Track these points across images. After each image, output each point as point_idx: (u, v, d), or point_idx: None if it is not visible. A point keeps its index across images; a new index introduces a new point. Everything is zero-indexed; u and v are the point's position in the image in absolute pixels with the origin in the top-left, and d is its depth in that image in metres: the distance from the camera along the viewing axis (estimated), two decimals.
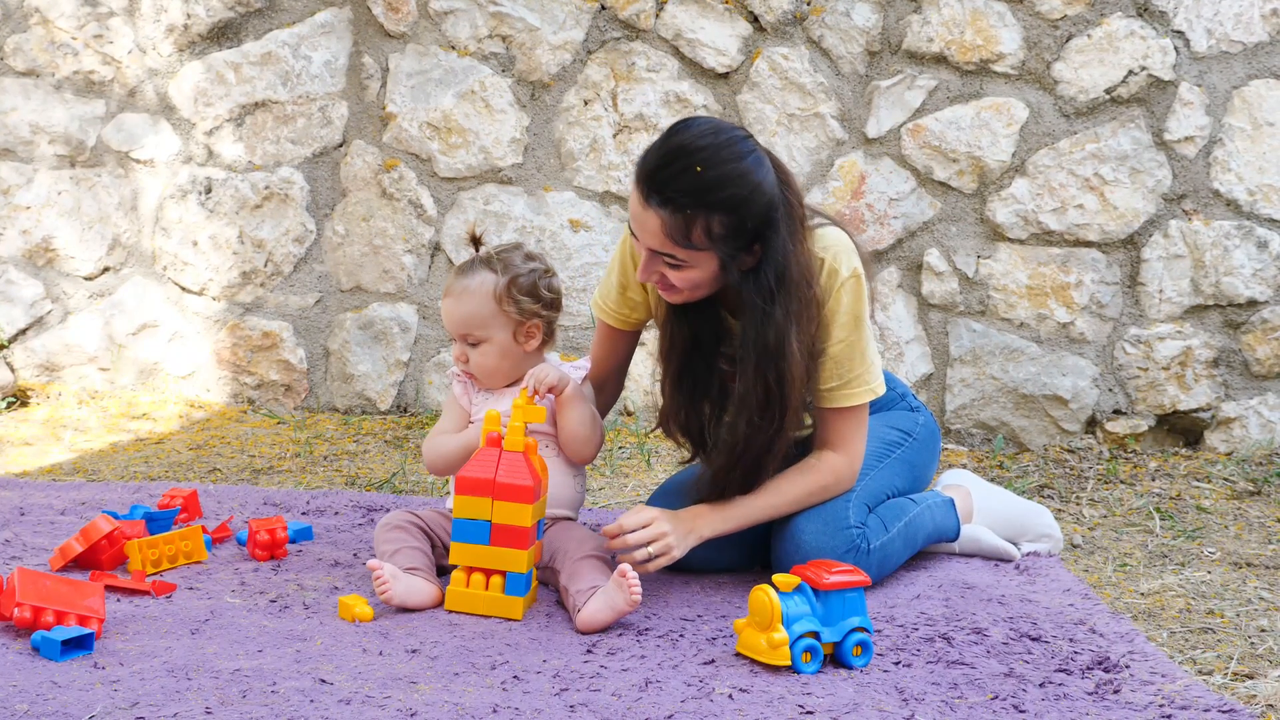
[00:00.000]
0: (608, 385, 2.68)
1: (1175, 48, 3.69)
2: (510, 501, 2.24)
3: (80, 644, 2.01)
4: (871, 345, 2.43)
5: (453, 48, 3.92)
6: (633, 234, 2.30)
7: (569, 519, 2.51)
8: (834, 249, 2.37)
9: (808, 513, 2.43)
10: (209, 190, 4.03)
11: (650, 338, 3.82)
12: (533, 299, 2.45)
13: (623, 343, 2.64)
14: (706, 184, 2.18)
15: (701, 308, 2.40)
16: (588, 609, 2.20)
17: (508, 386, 2.51)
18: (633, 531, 2.30)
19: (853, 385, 2.41)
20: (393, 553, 2.36)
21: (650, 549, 2.30)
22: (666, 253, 2.24)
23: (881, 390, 2.45)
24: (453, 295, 2.45)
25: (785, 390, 2.30)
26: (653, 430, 3.23)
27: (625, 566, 2.18)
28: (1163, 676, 2.03)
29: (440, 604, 2.30)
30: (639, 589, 2.17)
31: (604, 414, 2.70)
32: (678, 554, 2.32)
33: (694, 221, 2.19)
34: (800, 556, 2.39)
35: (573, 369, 2.53)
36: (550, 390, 2.36)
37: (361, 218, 3.99)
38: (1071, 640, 2.20)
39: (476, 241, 2.50)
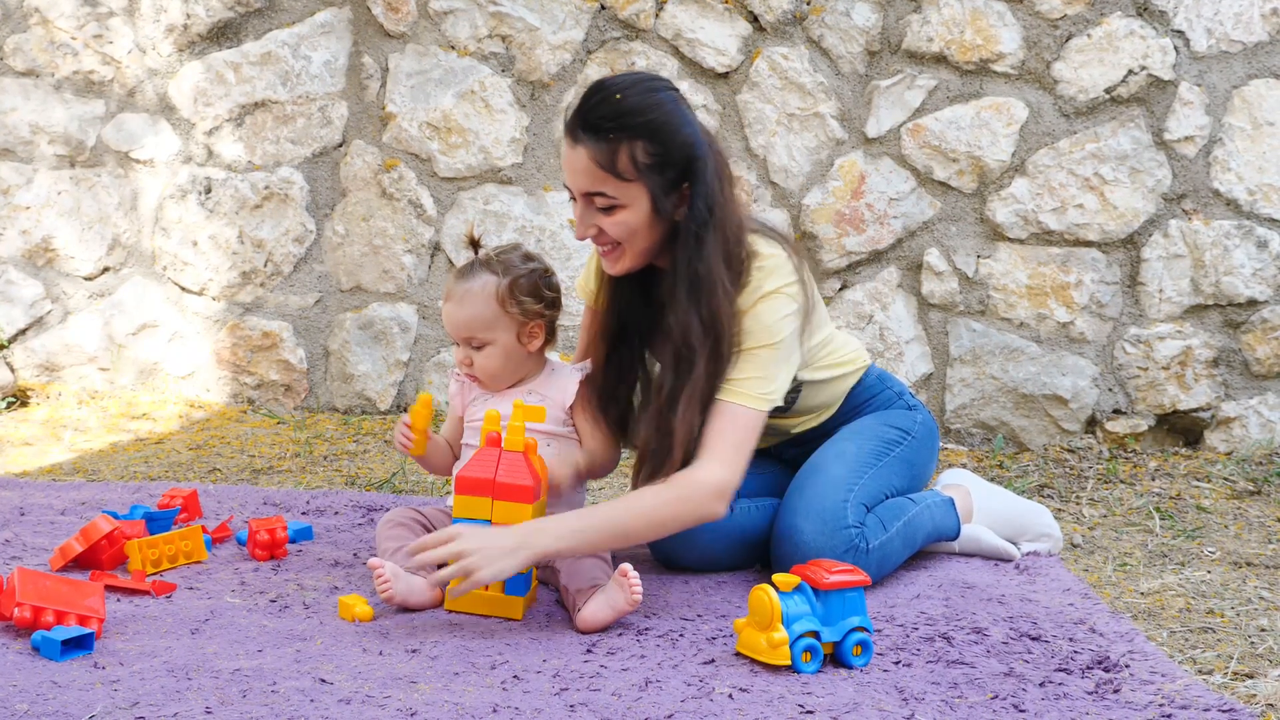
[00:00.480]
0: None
1: (1175, 47, 3.69)
2: (510, 501, 2.24)
3: (80, 644, 2.01)
4: (782, 365, 2.34)
5: (452, 48, 3.92)
6: (569, 193, 2.32)
7: None
8: (766, 267, 2.34)
9: (806, 513, 2.42)
10: (209, 190, 4.03)
11: None
12: (534, 299, 2.46)
13: (599, 341, 2.64)
14: (627, 109, 2.23)
15: (633, 301, 2.43)
16: (588, 608, 2.20)
17: (510, 387, 2.51)
18: (432, 549, 2.14)
19: (744, 385, 2.31)
20: (394, 550, 2.36)
21: (444, 573, 2.14)
22: (597, 191, 2.26)
23: (771, 406, 2.34)
24: (454, 299, 2.44)
25: (718, 322, 2.27)
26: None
27: (626, 566, 2.18)
28: (1163, 676, 2.03)
29: (440, 603, 2.31)
30: (639, 588, 2.17)
31: None
32: (483, 577, 2.10)
33: (618, 147, 2.23)
34: (799, 557, 2.38)
35: (576, 370, 2.53)
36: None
37: (361, 218, 3.99)
38: (1071, 640, 2.20)
39: (475, 243, 2.50)
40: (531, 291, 2.46)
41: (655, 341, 2.45)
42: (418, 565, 2.19)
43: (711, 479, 2.26)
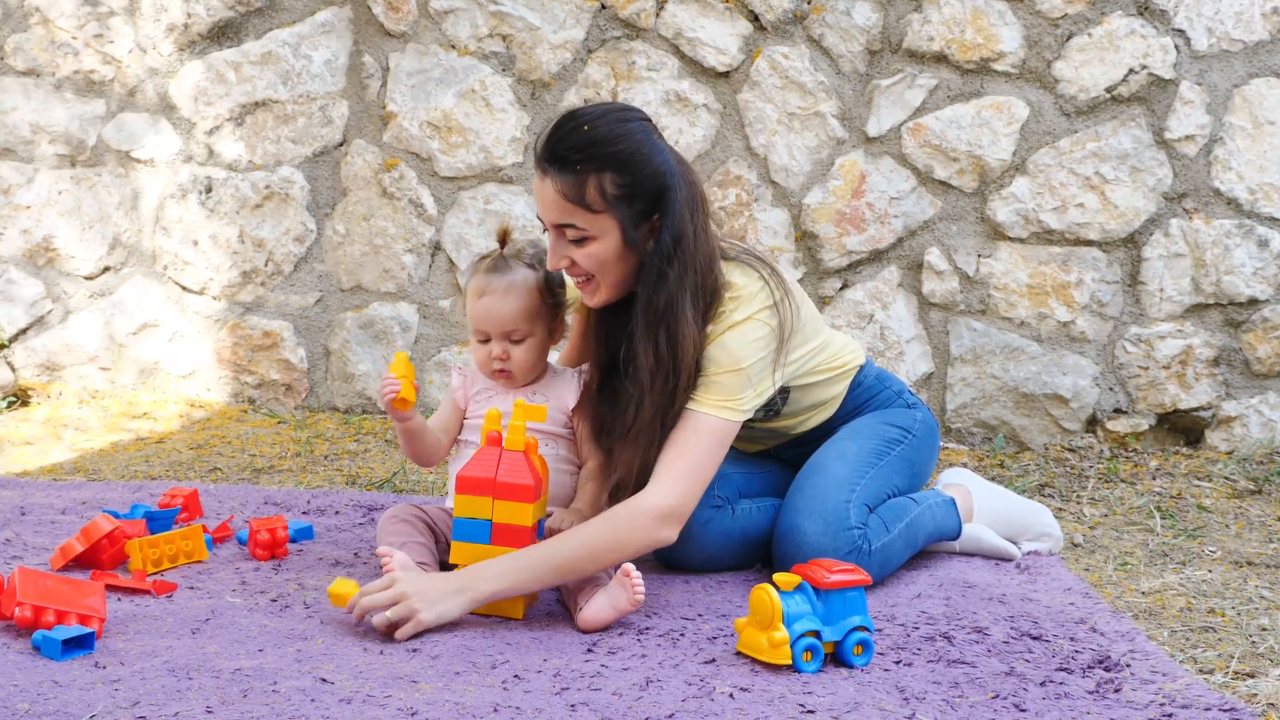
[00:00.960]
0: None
1: (1176, 46, 3.69)
2: (511, 501, 2.24)
3: (81, 643, 2.01)
4: (744, 390, 2.30)
5: (453, 47, 3.92)
6: (542, 224, 2.32)
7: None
8: (740, 297, 2.32)
9: (808, 513, 2.42)
10: (209, 190, 4.03)
11: None
12: (563, 293, 2.49)
13: (590, 375, 2.64)
14: (594, 139, 2.22)
15: (616, 332, 2.40)
16: (589, 608, 2.20)
17: (509, 390, 2.50)
18: (373, 595, 2.12)
19: (708, 393, 2.29)
20: (399, 545, 2.36)
21: (388, 614, 2.10)
22: (567, 223, 2.25)
23: (737, 419, 2.31)
24: (495, 293, 2.41)
25: (677, 355, 2.25)
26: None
27: (629, 566, 2.18)
28: (1163, 675, 2.03)
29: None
30: (642, 589, 2.17)
31: None
32: (426, 619, 2.11)
33: (586, 179, 2.22)
34: (802, 557, 2.38)
35: (576, 373, 2.54)
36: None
37: (362, 217, 3.99)
38: (1072, 639, 2.20)
39: (506, 238, 2.49)
40: (561, 284, 2.49)
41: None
42: (362, 611, 2.13)
43: (656, 505, 2.23)
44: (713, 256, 2.32)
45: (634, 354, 2.30)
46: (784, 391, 2.50)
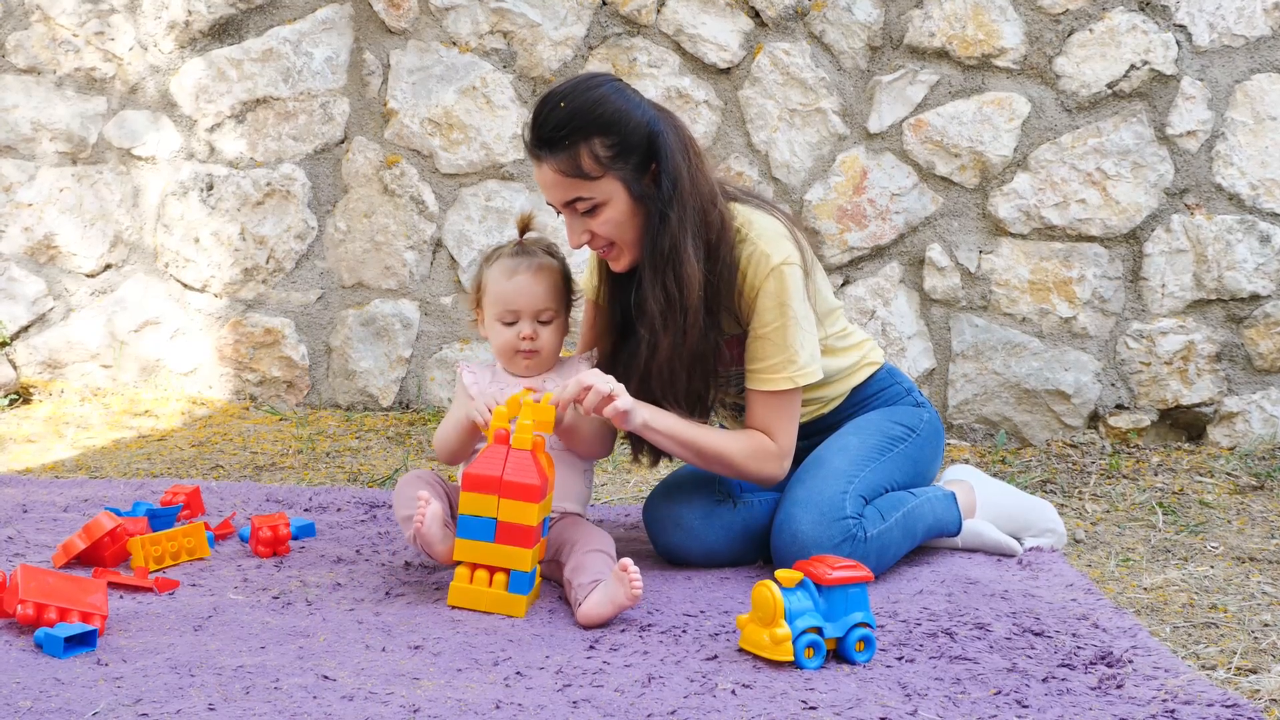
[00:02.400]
0: (599, 365, 2.68)
1: (1177, 42, 3.69)
2: (517, 500, 2.24)
3: (83, 641, 2.01)
4: (803, 335, 2.43)
5: (454, 44, 3.92)
6: (553, 208, 2.40)
7: (577, 515, 2.51)
8: (766, 237, 2.42)
9: (803, 503, 2.43)
10: (210, 187, 4.03)
11: None
12: (576, 286, 2.55)
13: (605, 335, 2.65)
14: (573, 112, 2.29)
15: (626, 290, 2.47)
16: (588, 603, 2.20)
17: (522, 375, 2.50)
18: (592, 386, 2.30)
19: (775, 371, 2.43)
20: (415, 498, 2.36)
21: (605, 388, 2.29)
22: (573, 198, 2.33)
23: (807, 381, 2.45)
24: (528, 272, 2.45)
25: (684, 295, 2.34)
26: None
27: (626, 561, 2.18)
28: (1166, 671, 2.03)
29: (450, 565, 2.32)
30: (640, 583, 2.17)
31: None
32: (621, 404, 2.30)
33: (577, 151, 2.30)
34: (796, 547, 2.39)
35: (583, 359, 2.54)
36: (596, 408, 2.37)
37: (363, 214, 3.99)
38: (1074, 635, 2.20)
39: (528, 225, 2.54)
40: (572, 277, 2.54)
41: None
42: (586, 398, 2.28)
43: (776, 452, 2.45)
44: (712, 194, 2.40)
45: (642, 298, 2.38)
46: None
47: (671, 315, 2.35)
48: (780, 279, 2.39)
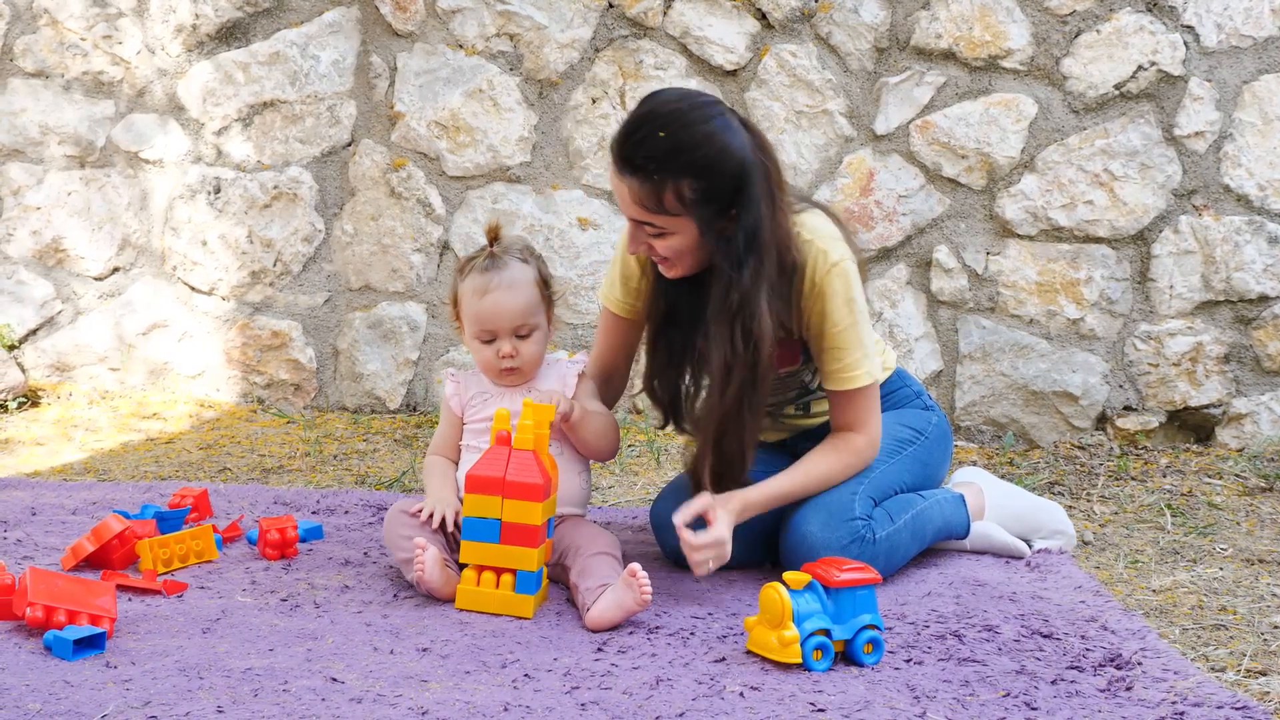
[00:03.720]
0: (615, 377, 2.68)
1: (1185, 43, 3.68)
2: (520, 500, 2.24)
3: (92, 643, 2.01)
4: (867, 329, 2.44)
5: (460, 46, 3.92)
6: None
7: (578, 516, 2.50)
8: (823, 236, 2.40)
9: (812, 505, 2.43)
10: (218, 190, 4.04)
11: None
12: (554, 283, 2.51)
13: (629, 332, 2.64)
14: (671, 148, 2.21)
15: (679, 286, 2.43)
16: (596, 608, 2.20)
17: (509, 386, 2.48)
18: (703, 548, 2.30)
19: (852, 368, 2.42)
20: (411, 536, 2.35)
21: (711, 564, 2.31)
22: (645, 221, 2.28)
23: (881, 374, 2.48)
24: (500, 289, 2.40)
25: (755, 350, 2.30)
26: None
27: (635, 566, 2.18)
28: (1175, 673, 2.02)
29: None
30: (649, 589, 2.17)
31: (611, 405, 2.71)
32: (721, 533, 2.32)
33: (663, 187, 2.22)
34: (805, 549, 2.39)
35: (570, 363, 2.53)
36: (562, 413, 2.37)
37: (370, 217, 3.99)
38: (1083, 637, 2.19)
39: (497, 235, 2.48)
40: (549, 277, 2.50)
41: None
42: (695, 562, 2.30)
43: (870, 447, 2.48)
44: (787, 236, 2.34)
45: (708, 341, 2.33)
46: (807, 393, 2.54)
47: (736, 368, 2.30)
48: (844, 277, 2.37)
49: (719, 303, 2.30)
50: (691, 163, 2.22)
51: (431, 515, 2.39)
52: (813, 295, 2.38)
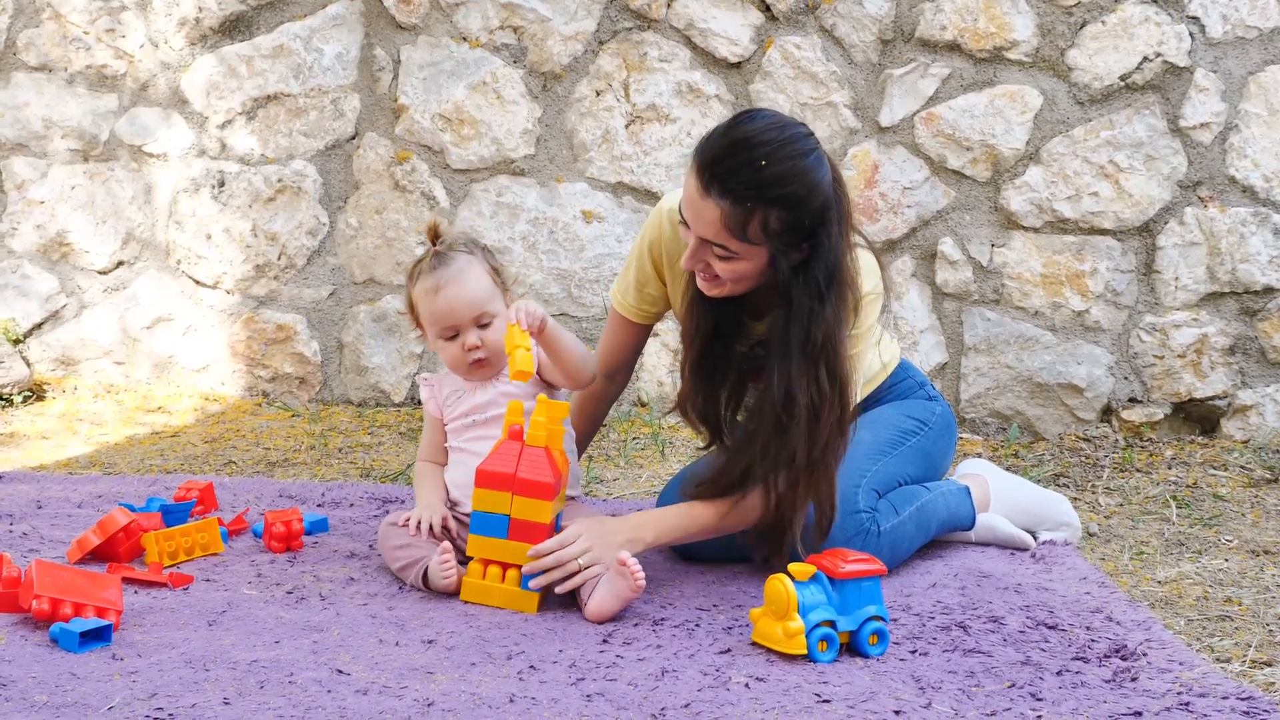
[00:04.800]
0: (618, 375, 2.69)
1: (1190, 34, 3.67)
2: (530, 497, 2.24)
3: (98, 636, 2.02)
4: (866, 360, 2.43)
5: (464, 39, 3.92)
6: (682, 220, 2.25)
7: (571, 498, 2.50)
8: (860, 267, 2.34)
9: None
10: (222, 184, 4.04)
11: (662, 328, 3.82)
12: (504, 269, 2.49)
13: (637, 335, 2.65)
14: (769, 179, 2.14)
15: (723, 300, 2.37)
16: (594, 600, 2.20)
17: (480, 381, 2.47)
18: (554, 551, 2.24)
19: None
20: (406, 545, 2.36)
21: (581, 560, 2.23)
22: (719, 243, 2.20)
23: (857, 399, 2.39)
24: (453, 284, 2.39)
25: (842, 390, 2.24)
26: (668, 413, 3.22)
27: (624, 554, 2.18)
28: (1180, 664, 2.02)
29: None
30: (641, 575, 2.17)
31: (612, 401, 2.72)
32: (601, 568, 2.23)
33: (753, 215, 2.15)
34: (809, 542, 2.38)
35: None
36: (541, 321, 2.31)
37: (374, 210, 3.99)
38: (1088, 628, 2.19)
39: (436, 234, 2.46)
40: (499, 265, 2.48)
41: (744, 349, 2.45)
42: (533, 569, 2.24)
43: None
44: (857, 276, 2.29)
45: (784, 383, 2.24)
46: None
47: (825, 409, 2.23)
48: (868, 309, 2.34)
49: (800, 341, 2.22)
50: (785, 195, 2.15)
51: (419, 524, 2.39)
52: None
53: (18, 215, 4.14)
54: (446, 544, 2.29)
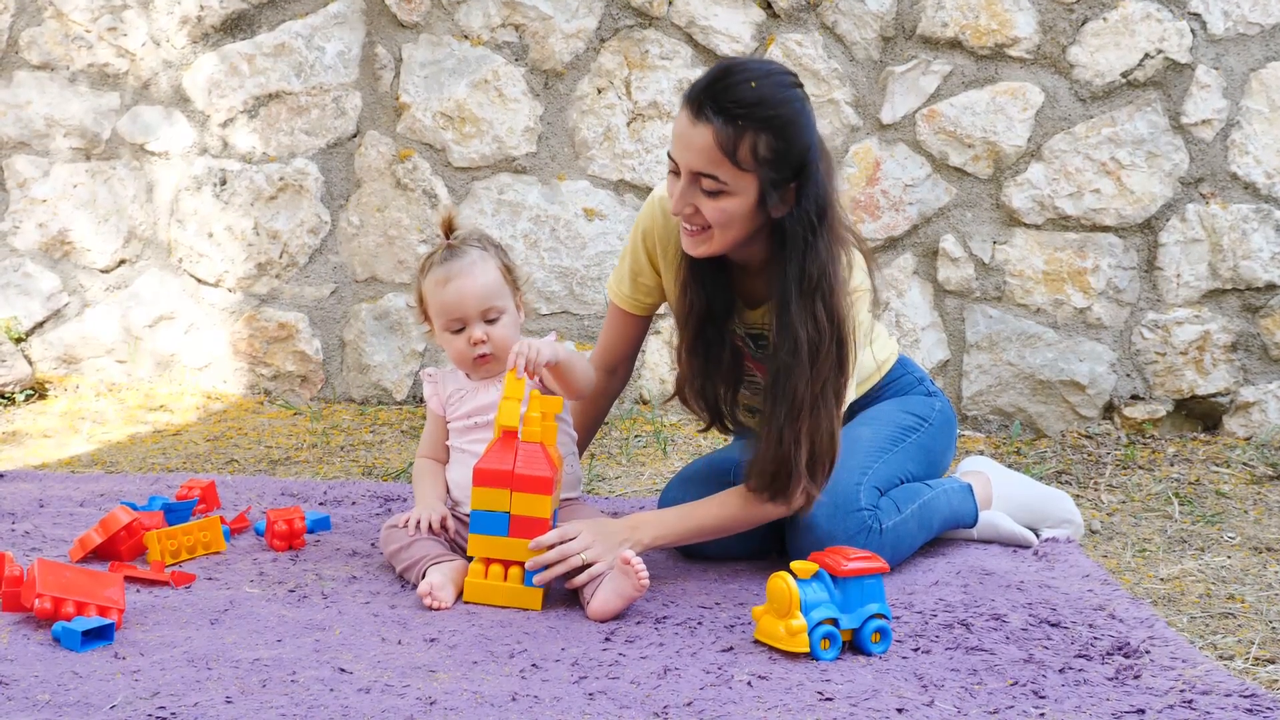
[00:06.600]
0: (619, 369, 2.69)
1: (1192, 30, 3.67)
2: (529, 493, 2.24)
3: (101, 634, 2.02)
4: (854, 364, 2.38)
5: (465, 37, 3.92)
6: (672, 168, 2.27)
7: (573, 499, 2.50)
8: (852, 265, 2.36)
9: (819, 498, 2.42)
10: (224, 182, 4.04)
11: (664, 325, 3.82)
12: (516, 270, 2.49)
13: (635, 327, 2.64)
14: (759, 98, 2.18)
15: (716, 278, 2.39)
16: (597, 598, 2.20)
17: (484, 380, 2.47)
18: (555, 544, 2.24)
19: None
20: (408, 545, 2.36)
21: (584, 555, 2.24)
22: (709, 173, 2.21)
23: (844, 406, 2.37)
24: (463, 276, 2.39)
25: (838, 325, 2.26)
26: (668, 400, 3.22)
27: (628, 553, 2.17)
28: (1183, 662, 2.02)
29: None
30: (645, 574, 2.16)
31: (614, 397, 2.72)
32: (603, 566, 2.23)
33: (743, 135, 2.18)
34: (811, 539, 2.38)
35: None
36: (544, 364, 2.31)
37: (376, 208, 3.99)
38: (1091, 626, 2.19)
39: (451, 226, 2.46)
40: (511, 264, 2.48)
41: (738, 331, 2.46)
42: (536, 565, 2.23)
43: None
44: (849, 227, 2.33)
45: (786, 325, 2.26)
46: None
47: (823, 345, 2.25)
48: (856, 305, 2.34)
49: (796, 278, 2.24)
50: (774, 118, 2.19)
51: (418, 523, 2.39)
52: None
53: (20, 213, 4.14)
54: (424, 586, 2.26)
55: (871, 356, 2.61)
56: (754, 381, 2.50)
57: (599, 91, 3.87)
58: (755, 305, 2.42)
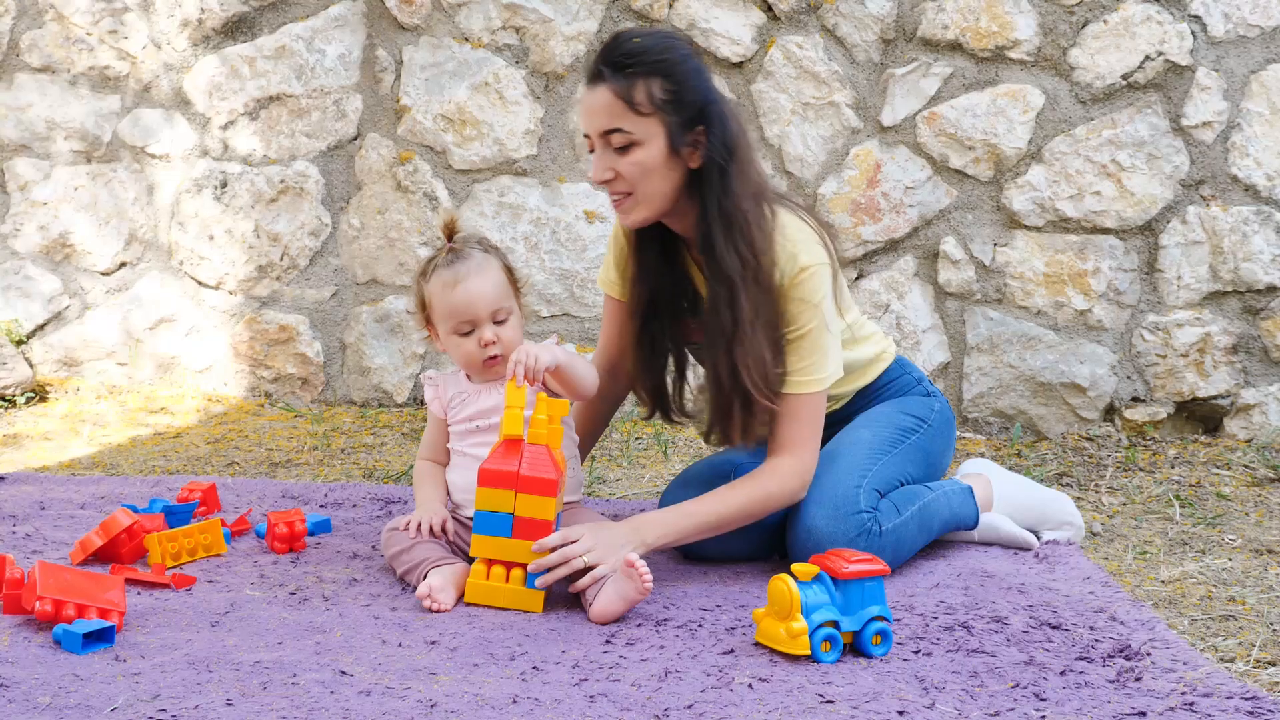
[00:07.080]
0: (620, 368, 2.68)
1: (1192, 32, 3.67)
2: (534, 495, 2.24)
3: (101, 637, 2.02)
4: (829, 337, 2.41)
5: (466, 40, 3.92)
6: (588, 144, 2.40)
7: (575, 503, 2.50)
8: (792, 239, 2.39)
9: (817, 499, 2.42)
10: (224, 184, 4.04)
11: None
12: (516, 274, 2.50)
13: (629, 319, 2.64)
14: (644, 48, 2.33)
15: (660, 270, 2.48)
16: (599, 600, 2.20)
17: (486, 382, 2.46)
18: (558, 546, 2.25)
19: (804, 372, 2.39)
20: (409, 547, 2.36)
21: (587, 558, 2.24)
22: (614, 127, 2.32)
23: (833, 381, 2.43)
24: (473, 276, 2.39)
25: (756, 253, 2.33)
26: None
27: (632, 556, 2.17)
28: (1184, 664, 2.02)
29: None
30: (649, 577, 2.16)
31: (618, 401, 2.72)
32: (605, 570, 2.23)
33: (635, 82, 2.31)
34: (811, 542, 2.38)
35: (548, 344, 2.50)
36: (544, 370, 2.32)
37: (376, 210, 3.99)
38: (1092, 628, 2.19)
39: (453, 229, 2.47)
40: (511, 266, 2.49)
41: (687, 314, 2.51)
42: (539, 567, 2.23)
43: (798, 478, 2.41)
44: (763, 183, 2.42)
45: (713, 263, 2.35)
46: None
47: (749, 274, 2.33)
48: (811, 282, 2.37)
49: (715, 218, 2.34)
50: (663, 63, 2.32)
51: (419, 526, 2.39)
52: (778, 296, 2.37)
53: (21, 216, 4.15)
54: (423, 589, 2.25)
55: (850, 332, 2.60)
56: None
57: None
58: (698, 312, 2.49)
